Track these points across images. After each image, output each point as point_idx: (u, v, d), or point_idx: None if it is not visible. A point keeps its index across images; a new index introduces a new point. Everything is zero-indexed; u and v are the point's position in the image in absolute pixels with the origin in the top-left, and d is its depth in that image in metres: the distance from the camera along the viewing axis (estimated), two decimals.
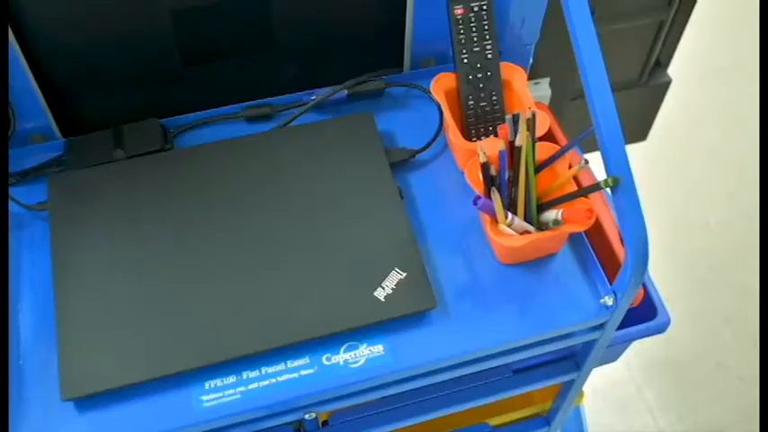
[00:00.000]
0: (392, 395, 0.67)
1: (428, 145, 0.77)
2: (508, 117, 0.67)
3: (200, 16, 0.73)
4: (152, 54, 0.75)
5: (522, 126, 0.66)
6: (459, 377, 0.68)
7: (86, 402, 0.61)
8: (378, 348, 0.64)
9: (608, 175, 0.61)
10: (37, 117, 0.76)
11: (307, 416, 0.65)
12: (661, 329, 0.79)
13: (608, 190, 0.62)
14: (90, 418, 0.61)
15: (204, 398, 0.62)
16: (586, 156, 0.76)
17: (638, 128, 1.24)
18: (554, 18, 0.81)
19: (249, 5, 0.74)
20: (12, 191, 0.73)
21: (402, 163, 0.75)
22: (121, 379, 0.61)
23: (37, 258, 0.69)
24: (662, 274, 1.02)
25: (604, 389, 1.47)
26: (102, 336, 0.63)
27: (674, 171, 1.79)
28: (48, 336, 0.64)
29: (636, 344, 0.84)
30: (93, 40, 0.73)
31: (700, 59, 1.88)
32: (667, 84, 1.17)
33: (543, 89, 0.98)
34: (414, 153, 0.76)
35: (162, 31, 0.73)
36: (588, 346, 0.72)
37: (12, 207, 0.72)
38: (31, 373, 0.63)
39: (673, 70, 1.17)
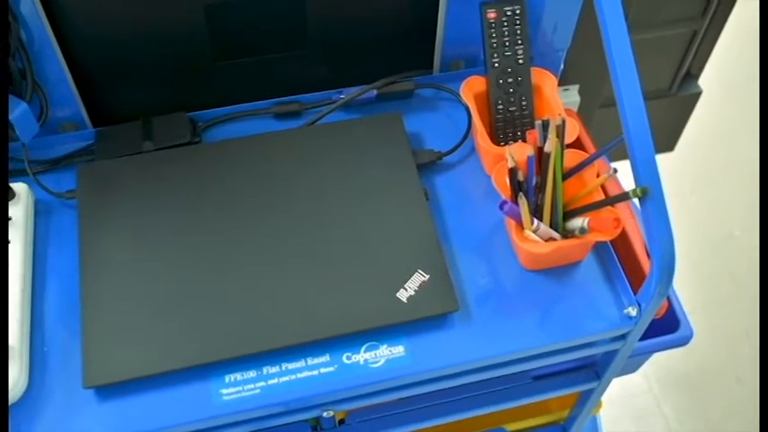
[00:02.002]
0: (410, 396, 0.67)
1: (455, 148, 0.77)
2: (538, 123, 0.67)
3: (234, 12, 0.74)
4: (184, 48, 0.76)
5: (552, 132, 0.65)
6: (478, 381, 0.68)
7: (107, 391, 0.62)
8: (398, 349, 0.64)
9: (636, 185, 0.61)
10: (69, 106, 0.76)
11: (325, 414, 0.65)
12: (683, 342, 0.79)
13: (636, 200, 0.62)
14: (110, 406, 0.61)
15: (224, 391, 0.62)
16: (612, 164, 0.76)
17: (666, 138, 1.23)
18: (586, 25, 0.80)
19: (283, 2, 0.74)
20: (41, 178, 0.73)
21: (429, 165, 0.75)
22: (143, 369, 0.61)
23: (64, 246, 0.70)
24: (684, 286, 1.01)
25: (621, 399, 1.46)
26: (125, 325, 0.63)
27: (699, 182, 1.77)
28: (72, 323, 0.65)
29: (655, 355, 0.84)
30: (127, 32, 0.73)
31: (730, 71, 1.86)
32: (698, 95, 1.16)
33: (572, 96, 0.97)
34: (441, 155, 0.76)
35: (195, 26, 0.74)
36: (609, 355, 0.72)
37: (41, 194, 0.73)
38: (55, 359, 0.64)
39: (702, 81, 1.16)
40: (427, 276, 0.66)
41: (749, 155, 1.81)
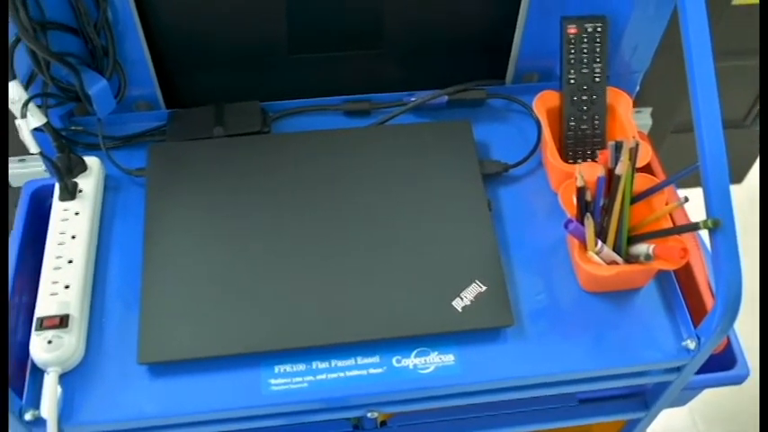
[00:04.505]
0: (455, 406, 0.67)
1: (523, 161, 0.76)
2: (611, 144, 0.66)
3: (314, 6, 0.74)
4: (263, 38, 0.77)
5: (625, 155, 0.64)
6: (524, 398, 0.67)
7: (160, 369, 0.63)
8: (449, 358, 0.64)
9: (708, 216, 0.59)
10: (145, 86, 0.78)
11: (369, 414, 0.65)
12: (738, 381, 0.76)
13: (705, 231, 0.60)
14: (161, 384, 0.62)
15: (272, 381, 0.62)
16: (678, 192, 0.74)
17: (736, 170, 1.20)
18: (664, 49, 0.79)
19: (363, 1, 0.74)
20: (113, 154, 0.75)
21: (494, 175, 0.75)
22: (197, 351, 0.62)
23: (129, 222, 0.71)
24: (740, 322, 0.99)
25: (663, 431, 1.42)
26: (183, 306, 0.64)
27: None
28: (131, 299, 0.66)
29: (704, 390, 0.81)
30: (209, 19, 0.74)
31: None
32: None
33: (645, 118, 0.95)
34: (507, 167, 0.75)
35: (275, 17, 0.74)
36: (661, 386, 0.71)
37: (111, 169, 0.74)
38: (111, 332, 0.65)
39: None
40: (484, 288, 0.65)
41: None
